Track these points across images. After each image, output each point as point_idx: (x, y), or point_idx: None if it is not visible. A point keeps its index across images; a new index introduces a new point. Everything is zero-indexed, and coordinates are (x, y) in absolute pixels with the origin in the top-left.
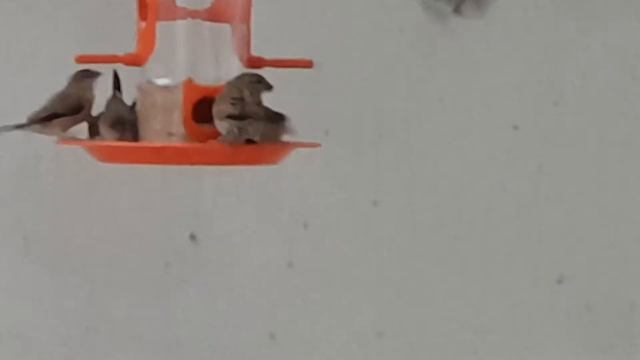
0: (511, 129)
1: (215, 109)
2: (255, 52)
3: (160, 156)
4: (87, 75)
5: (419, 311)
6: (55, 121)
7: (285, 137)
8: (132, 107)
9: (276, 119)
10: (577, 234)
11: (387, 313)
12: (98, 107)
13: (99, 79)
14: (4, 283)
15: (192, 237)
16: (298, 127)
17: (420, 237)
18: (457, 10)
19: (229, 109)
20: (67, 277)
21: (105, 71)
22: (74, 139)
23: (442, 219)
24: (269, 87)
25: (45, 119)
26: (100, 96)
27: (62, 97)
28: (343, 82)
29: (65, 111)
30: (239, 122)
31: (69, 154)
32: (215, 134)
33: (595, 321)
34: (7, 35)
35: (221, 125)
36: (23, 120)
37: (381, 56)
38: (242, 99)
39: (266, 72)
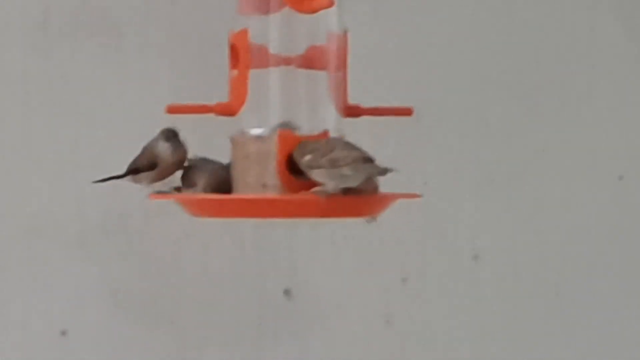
0: (616, 179)
1: (313, 160)
2: (352, 100)
3: (255, 209)
4: (163, 137)
5: None
6: (141, 175)
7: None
8: (227, 165)
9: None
10: None
11: None
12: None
13: (181, 139)
14: (94, 338)
15: (287, 292)
16: (396, 178)
17: (522, 292)
18: None
19: (354, 153)
20: (156, 332)
21: (199, 122)
22: (164, 193)
23: (544, 274)
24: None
25: (130, 172)
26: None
27: (142, 153)
28: (443, 132)
29: (141, 167)
30: (370, 165)
31: (158, 208)
32: (310, 186)
33: None
34: (98, 85)
35: (338, 173)
36: (113, 171)
37: (481, 105)
38: (356, 147)
39: (364, 121)
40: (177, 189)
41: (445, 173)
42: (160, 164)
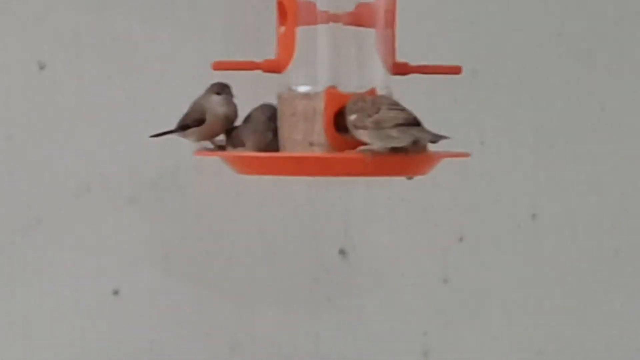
0: None
1: (358, 120)
2: (402, 58)
3: (301, 167)
4: (214, 91)
5: (579, 331)
6: (190, 131)
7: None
8: (273, 118)
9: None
10: None
11: (546, 332)
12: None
13: (233, 93)
14: (145, 300)
15: (342, 252)
16: (452, 138)
17: (581, 252)
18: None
19: (401, 116)
20: (210, 293)
21: (248, 78)
22: (209, 150)
23: (604, 232)
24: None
25: (180, 128)
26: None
27: (192, 108)
28: (499, 90)
29: (190, 122)
30: (417, 128)
31: (210, 166)
32: (358, 144)
33: None
34: (150, 41)
35: (384, 134)
36: (163, 126)
37: (538, 62)
38: (402, 109)
39: (414, 79)
40: (222, 147)
41: (502, 132)
42: (210, 118)
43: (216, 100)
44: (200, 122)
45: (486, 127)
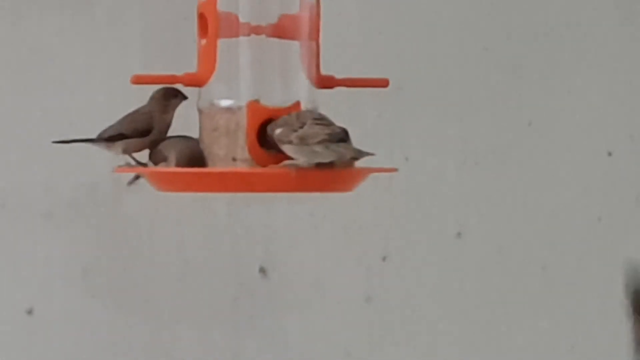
0: (605, 156)
1: (283, 134)
2: (333, 72)
3: (223, 183)
4: (173, 95)
5: (506, 349)
6: (119, 143)
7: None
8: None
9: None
10: None
11: (472, 351)
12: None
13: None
14: (60, 319)
15: (263, 271)
16: (376, 153)
17: (507, 269)
18: None
19: (326, 131)
20: (128, 312)
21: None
22: (130, 166)
23: (530, 250)
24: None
25: (110, 138)
26: None
27: (134, 116)
28: (424, 105)
29: (131, 132)
30: (343, 145)
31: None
32: (283, 159)
33: None
34: (67, 55)
35: (308, 150)
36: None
37: (465, 77)
38: (328, 123)
39: (339, 93)
40: (142, 164)
41: (427, 148)
42: (158, 129)
43: (174, 108)
44: (144, 133)
45: (411, 143)
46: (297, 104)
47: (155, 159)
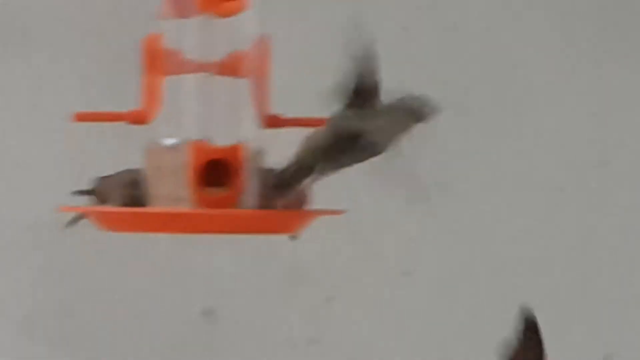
0: (557, 191)
1: None
2: (279, 110)
3: (166, 224)
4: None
5: None
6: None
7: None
8: (139, 172)
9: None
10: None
11: None
12: None
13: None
14: None
15: (206, 313)
16: (322, 193)
17: (457, 307)
18: None
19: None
20: (70, 355)
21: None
22: (74, 206)
23: (479, 291)
24: None
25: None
26: None
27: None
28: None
29: None
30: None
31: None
32: (227, 200)
33: None
34: (5, 92)
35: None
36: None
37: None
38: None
39: (286, 133)
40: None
41: (373, 185)
42: None
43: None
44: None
45: (357, 182)
46: (242, 144)
47: (98, 198)
